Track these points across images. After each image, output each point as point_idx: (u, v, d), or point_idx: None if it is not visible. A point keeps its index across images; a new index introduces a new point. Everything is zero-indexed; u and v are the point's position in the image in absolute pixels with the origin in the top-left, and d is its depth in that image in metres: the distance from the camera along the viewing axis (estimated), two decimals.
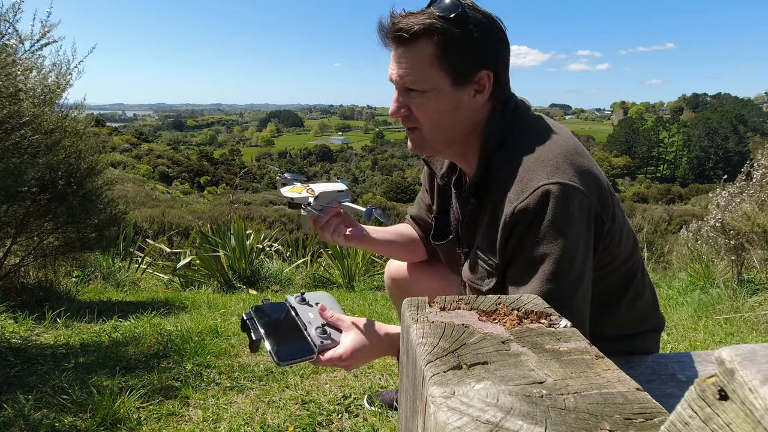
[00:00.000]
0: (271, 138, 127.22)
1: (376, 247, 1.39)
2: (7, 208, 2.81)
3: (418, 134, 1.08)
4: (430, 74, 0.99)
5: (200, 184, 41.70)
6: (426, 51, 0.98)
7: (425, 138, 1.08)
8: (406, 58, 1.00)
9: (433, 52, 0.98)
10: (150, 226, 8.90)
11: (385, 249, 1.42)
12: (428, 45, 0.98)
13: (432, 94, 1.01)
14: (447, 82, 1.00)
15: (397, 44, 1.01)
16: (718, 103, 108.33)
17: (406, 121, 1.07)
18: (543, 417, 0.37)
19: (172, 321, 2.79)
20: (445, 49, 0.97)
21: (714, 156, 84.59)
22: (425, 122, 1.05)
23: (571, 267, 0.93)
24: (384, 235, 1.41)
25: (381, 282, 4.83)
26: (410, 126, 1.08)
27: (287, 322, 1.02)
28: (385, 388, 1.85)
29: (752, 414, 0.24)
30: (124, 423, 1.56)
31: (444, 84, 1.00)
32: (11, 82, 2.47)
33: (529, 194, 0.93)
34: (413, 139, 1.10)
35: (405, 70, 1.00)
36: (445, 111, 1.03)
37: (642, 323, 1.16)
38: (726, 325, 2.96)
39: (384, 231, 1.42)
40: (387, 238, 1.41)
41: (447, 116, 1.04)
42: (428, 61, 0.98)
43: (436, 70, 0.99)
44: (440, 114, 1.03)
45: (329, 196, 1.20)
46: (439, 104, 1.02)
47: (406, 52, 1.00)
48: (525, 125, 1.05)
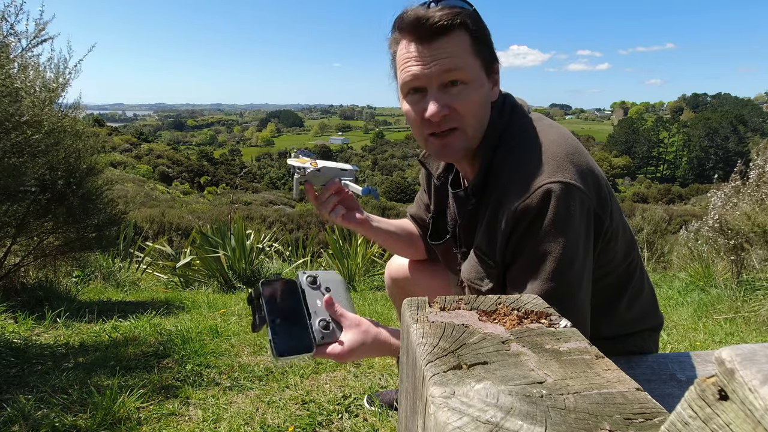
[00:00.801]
0: (271, 138, 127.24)
1: (375, 236, 1.37)
2: (7, 208, 2.81)
3: (458, 135, 1.02)
4: (474, 63, 0.98)
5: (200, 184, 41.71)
6: (465, 40, 0.97)
7: (467, 136, 1.02)
8: (448, 50, 0.96)
9: (470, 41, 0.98)
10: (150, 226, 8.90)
11: (384, 239, 1.40)
12: (465, 35, 0.97)
13: (475, 84, 0.99)
14: (483, 73, 1.00)
15: (432, 37, 0.96)
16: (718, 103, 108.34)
17: (446, 123, 1.00)
18: (543, 417, 0.37)
19: (172, 321, 2.79)
20: (477, 39, 0.99)
21: (714, 156, 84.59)
22: (469, 116, 1.00)
23: (572, 266, 0.93)
24: (386, 225, 1.40)
25: (381, 282, 4.83)
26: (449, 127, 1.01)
27: (293, 309, 1.00)
28: (385, 388, 1.85)
29: (752, 414, 0.24)
30: (124, 423, 1.56)
31: (481, 74, 1.00)
32: (10, 81, 2.47)
33: (531, 193, 0.93)
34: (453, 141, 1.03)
35: (449, 60, 0.96)
36: (483, 102, 1.01)
37: (641, 322, 1.16)
38: (726, 325, 2.96)
39: (386, 222, 1.41)
40: (388, 229, 1.40)
41: (484, 109, 1.03)
42: (469, 51, 0.98)
43: (476, 59, 0.99)
44: (480, 105, 1.01)
45: (331, 171, 1.20)
46: (480, 94, 1.00)
47: (445, 43, 0.96)
48: (523, 125, 1.05)
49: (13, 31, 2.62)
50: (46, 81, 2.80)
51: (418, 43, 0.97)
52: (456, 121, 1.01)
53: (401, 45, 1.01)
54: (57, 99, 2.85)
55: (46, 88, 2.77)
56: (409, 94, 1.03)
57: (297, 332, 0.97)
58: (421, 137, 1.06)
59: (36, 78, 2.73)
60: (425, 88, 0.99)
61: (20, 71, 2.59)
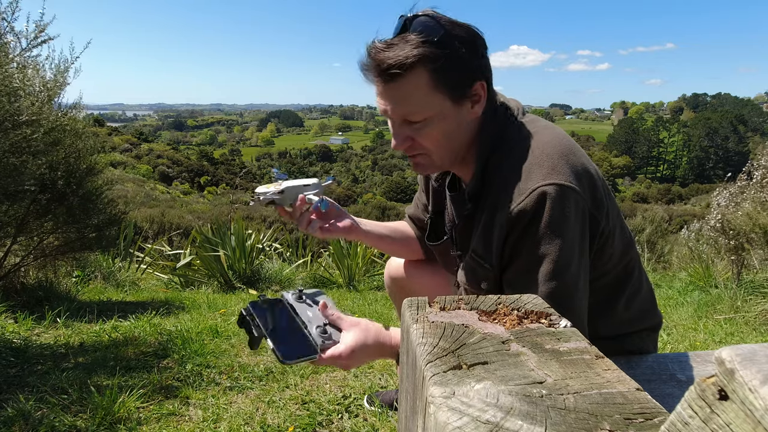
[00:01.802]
0: (271, 138, 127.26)
1: (366, 240, 1.40)
2: (7, 208, 2.81)
3: (425, 158, 1.06)
4: (431, 101, 0.98)
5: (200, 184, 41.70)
6: (421, 80, 0.96)
7: (434, 161, 1.06)
8: (402, 92, 0.97)
9: (428, 79, 0.96)
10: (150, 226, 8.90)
11: (376, 242, 1.42)
12: (422, 74, 0.95)
13: (436, 119, 1.00)
14: (448, 103, 0.99)
15: (388, 80, 0.96)
16: (718, 103, 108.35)
17: (411, 150, 1.05)
18: (543, 417, 0.37)
19: (172, 321, 2.79)
20: (439, 72, 0.96)
21: (714, 156, 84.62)
22: (433, 147, 1.03)
23: (568, 267, 0.93)
24: (377, 229, 1.41)
25: (381, 282, 4.83)
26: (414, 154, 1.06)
27: (287, 321, 1.02)
28: (385, 388, 1.85)
29: (752, 414, 0.24)
30: (124, 423, 1.56)
31: (445, 106, 0.99)
32: (9, 80, 2.47)
33: (525, 196, 0.93)
34: (421, 162, 1.07)
35: (403, 104, 0.98)
36: (450, 131, 1.02)
37: (640, 321, 1.16)
38: (726, 325, 2.96)
39: (377, 225, 1.43)
40: (379, 231, 1.42)
41: (453, 135, 1.03)
42: (426, 90, 0.96)
43: (435, 94, 0.97)
44: (447, 135, 1.02)
45: (295, 191, 1.25)
46: (445, 126, 1.01)
47: (399, 86, 0.96)
48: (517, 128, 1.05)
49: (12, 30, 2.62)
50: (46, 80, 2.80)
51: (380, 82, 0.99)
52: (420, 149, 1.05)
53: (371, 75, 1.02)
54: (56, 98, 2.85)
55: (45, 88, 2.77)
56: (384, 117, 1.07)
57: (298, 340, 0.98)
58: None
59: (35, 77, 2.73)
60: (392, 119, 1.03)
61: (19, 71, 2.59)
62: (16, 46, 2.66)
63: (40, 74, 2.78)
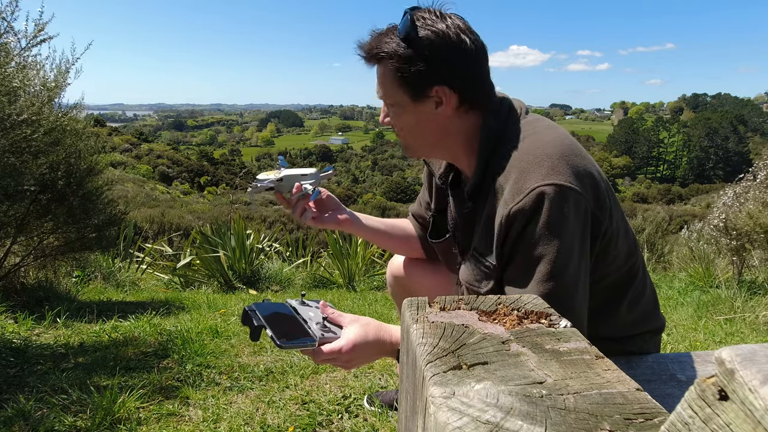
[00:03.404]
0: (271, 138, 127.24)
1: (363, 234, 1.43)
2: (7, 208, 2.81)
3: (402, 140, 1.18)
4: (393, 91, 1.08)
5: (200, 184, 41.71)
6: (387, 71, 1.07)
7: (406, 143, 1.17)
8: (378, 75, 1.10)
9: (392, 72, 1.06)
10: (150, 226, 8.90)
11: (373, 237, 1.44)
12: (387, 66, 1.06)
13: (397, 108, 1.10)
14: (407, 98, 1.08)
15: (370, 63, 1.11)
16: (718, 103, 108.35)
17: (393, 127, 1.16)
18: (543, 417, 0.37)
19: (172, 321, 2.79)
20: (400, 69, 1.04)
21: (714, 156, 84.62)
22: (400, 131, 1.15)
23: (567, 267, 0.93)
24: (373, 223, 1.43)
25: (381, 282, 4.83)
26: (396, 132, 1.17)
27: (288, 317, 1.04)
28: (385, 388, 1.85)
29: (752, 414, 0.24)
30: (124, 423, 1.56)
31: (404, 100, 1.08)
32: (8, 80, 2.47)
33: (524, 196, 0.93)
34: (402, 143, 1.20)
35: (378, 86, 1.12)
36: (411, 125, 1.11)
37: (642, 324, 1.16)
38: (726, 325, 2.96)
39: (376, 220, 1.45)
40: (375, 226, 1.43)
41: (415, 129, 1.12)
42: (390, 80, 1.07)
43: (397, 87, 1.07)
44: (408, 127, 1.12)
45: (293, 179, 1.29)
46: (405, 119, 1.11)
47: (378, 70, 1.10)
48: (520, 127, 1.06)
49: (11, 29, 2.62)
50: (46, 80, 2.79)
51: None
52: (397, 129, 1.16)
53: None
54: (56, 98, 2.85)
55: (45, 88, 2.77)
56: None
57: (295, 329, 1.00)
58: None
59: (35, 77, 2.73)
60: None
61: (18, 70, 2.59)
62: (16, 45, 2.66)
63: (40, 74, 2.78)
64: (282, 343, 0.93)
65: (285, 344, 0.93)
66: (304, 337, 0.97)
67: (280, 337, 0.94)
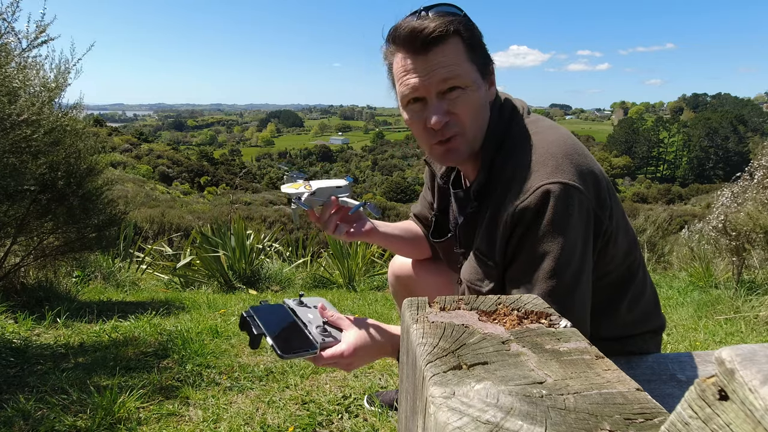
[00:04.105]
0: (271, 138, 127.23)
1: (384, 242, 1.39)
2: (8, 208, 2.81)
3: (459, 140, 1.04)
4: (469, 69, 1.00)
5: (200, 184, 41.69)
6: (459, 47, 0.99)
7: (468, 140, 1.04)
8: (444, 58, 0.98)
9: (464, 48, 1.00)
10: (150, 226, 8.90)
11: (391, 244, 1.42)
12: (459, 42, 0.99)
13: (472, 88, 1.01)
14: (478, 75, 1.02)
15: (428, 48, 0.98)
16: (718, 103, 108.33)
17: (448, 129, 1.02)
18: (543, 417, 0.37)
19: (172, 321, 2.79)
20: (471, 44, 1.00)
21: (714, 156, 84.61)
22: (468, 120, 1.02)
23: (569, 265, 0.93)
24: (391, 230, 1.41)
25: (381, 282, 4.83)
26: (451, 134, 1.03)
27: (287, 321, 1.03)
28: (385, 388, 1.85)
29: (752, 414, 0.24)
30: (124, 423, 1.56)
31: (477, 78, 1.02)
32: (8, 80, 2.47)
33: (529, 194, 0.94)
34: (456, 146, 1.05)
35: (446, 69, 0.98)
36: (481, 105, 1.03)
37: (643, 324, 1.16)
38: (726, 325, 2.96)
39: (392, 226, 1.43)
40: (394, 233, 1.41)
41: (482, 111, 1.04)
42: (464, 57, 1.00)
43: (471, 64, 1.01)
44: (479, 108, 1.03)
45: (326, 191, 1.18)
46: (477, 97, 1.02)
47: (440, 52, 0.98)
48: (523, 127, 1.06)
49: (12, 30, 2.62)
50: (46, 81, 2.79)
51: (414, 55, 0.99)
52: (457, 126, 1.03)
53: (397, 58, 1.03)
54: (56, 98, 2.84)
55: (45, 88, 2.77)
56: (409, 104, 1.04)
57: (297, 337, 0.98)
58: (426, 145, 1.08)
59: (35, 78, 2.73)
60: (425, 97, 1.02)
61: (19, 71, 2.59)
62: (17, 46, 2.66)
63: (40, 75, 2.78)
64: (283, 354, 0.92)
65: (287, 356, 0.92)
66: (305, 344, 0.96)
67: (281, 345, 0.93)
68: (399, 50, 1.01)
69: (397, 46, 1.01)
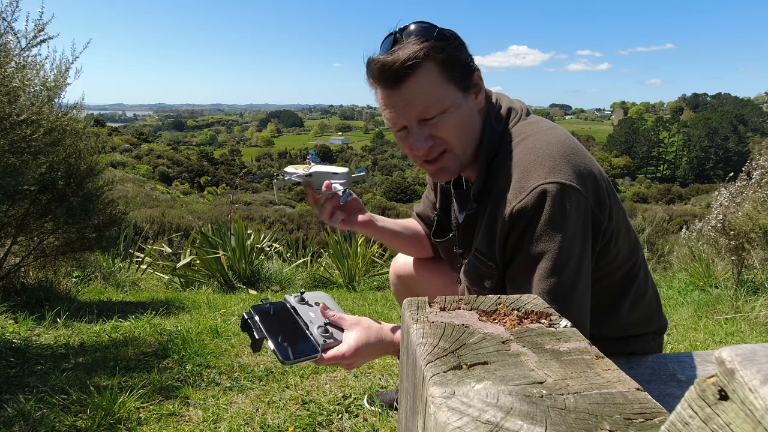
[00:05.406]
0: (271, 138, 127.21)
1: (381, 236, 1.38)
2: (8, 208, 2.81)
3: (447, 156, 1.06)
4: (446, 92, 1.00)
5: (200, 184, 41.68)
6: (432, 73, 0.99)
7: (457, 155, 1.06)
8: (418, 88, 0.98)
9: (438, 71, 0.99)
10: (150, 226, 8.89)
11: (390, 239, 1.41)
12: (432, 67, 0.98)
13: (452, 109, 1.01)
14: (459, 93, 1.02)
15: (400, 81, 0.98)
16: (718, 103, 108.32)
17: (434, 150, 1.04)
18: (543, 417, 0.37)
19: (172, 321, 2.79)
20: (447, 64, 1.00)
21: (714, 156, 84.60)
22: (453, 139, 1.03)
23: (567, 264, 0.93)
24: (391, 225, 1.41)
25: (381, 282, 4.83)
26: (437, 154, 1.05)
27: (289, 322, 1.02)
28: (385, 388, 1.85)
29: (752, 414, 0.24)
30: (124, 423, 1.56)
31: (457, 96, 1.02)
32: (8, 79, 2.47)
33: (526, 194, 0.94)
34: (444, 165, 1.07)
35: (421, 100, 0.99)
36: (465, 120, 1.04)
37: (645, 325, 1.16)
38: (726, 325, 2.96)
39: (391, 222, 1.43)
40: (394, 228, 1.41)
41: (468, 124, 1.05)
42: (439, 81, 0.99)
43: (447, 85, 1.00)
44: (463, 124, 1.04)
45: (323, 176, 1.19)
46: (460, 115, 1.03)
47: (413, 84, 0.98)
48: (521, 128, 1.06)
49: (11, 30, 2.62)
50: (46, 80, 2.79)
51: (389, 90, 1.01)
52: (442, 146, 1.05)
53: (377, 90, 1.05)
54: (56, 98, 2.84)
55: (45, 88, 2.77)
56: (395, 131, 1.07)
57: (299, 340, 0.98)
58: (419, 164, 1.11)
59: (35, 77, 2.73)
60: (406, 126, 1.04)
61: (18, 70, 2.59)
62: (16, 45, 2.65)
63: (40, 74, 2.78)
64: (284, 360, 0.92)
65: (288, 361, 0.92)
66: (307, 348, 0.96)
67: (283, 351, 0.93)
68: (375, 84, 1.03)
69: (373, 80, 1.03)
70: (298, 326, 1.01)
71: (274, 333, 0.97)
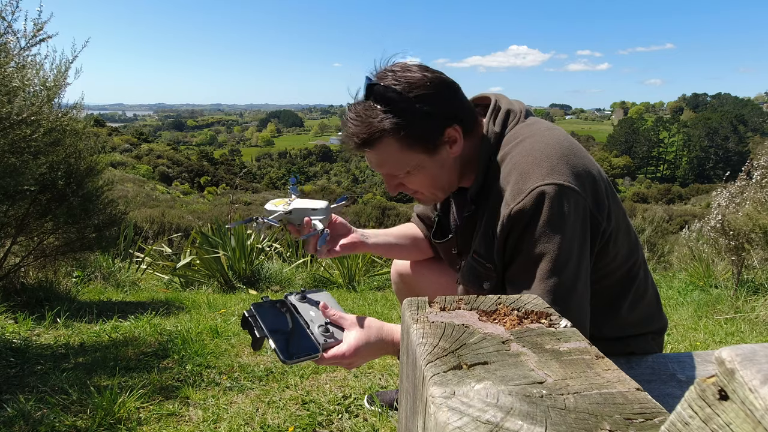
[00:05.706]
0: (271, 138, 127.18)
1: (373, 251, 1.43)
2: (7, 208, 2.81)
3: (421, 196, 1.15)
4: (405, 159, 1.05)
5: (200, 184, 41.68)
6: (391, 147, 1.03)
7: (428, 197, 1.15)
8: (378, 157, 1.05)
9: (397, 144, 1.02)
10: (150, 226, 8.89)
11: (385, 252, 1.45)
12: (390, 142, 1.02)
13: (416, 171, 1.07)
14: (422, 156, 1.05)
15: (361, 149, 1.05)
16: (718, 103, 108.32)
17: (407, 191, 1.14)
18: (543, 417, 0.37)
19: (172, 321, 2.79)
20: (406, 137, 1.01)
21: (714, 156, 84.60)
22: (421, 189, 1.12)
23: (566, 265, 0.94)
24: (384, 238, 1.43)
25: (381, 282, 4.83)
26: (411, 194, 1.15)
27: (289, 321, 1.03)
28: (385, 388, 1.85)
29: (752, 414, 0.24)
30: (124, 423, 1.56)
31: (420, 158, 1.05)
32: (8, 79, 2.47)
33: (525, 196, 0.94)
34: (421, 200, 1.17)
35: (382, 166, 1.07)
36: (433, 175, 1.09)
37: (645, 325, 1.16)
38: (726, 325, 2.96)
39: (384, 234, 1.44)
40: (387, 241, 1.43)
41: (437, 177, 1.10)
42: (398, 152, 1.03)
43: (408, 153, 1.04)
44: (431, 179, 1.10)
45: (302, 213, 1.24)
46: (427, 173, 1.08)
47: (374, 153, 1.04)
48: (519, 130, 1.07)
49: (11, 29, 2.62)
50: (46, 80, 2.79)
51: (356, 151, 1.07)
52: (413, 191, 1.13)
53: None
54: (55, 97, 2.84)
55: (44, 87, 2.77)
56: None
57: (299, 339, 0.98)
58: None
59: (35, 77, 2.73)
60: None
61: (18, 70, 2.59)
62: (15, 45, 2.65)
63: (39, 74, 2.78)
64: (286, 359, 0.92)
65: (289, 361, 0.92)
66: (307, 347, 0.97)
67: (284, 350, 0.93)
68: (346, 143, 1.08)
69: None
70: (299, 325, 1.01)
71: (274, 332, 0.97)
